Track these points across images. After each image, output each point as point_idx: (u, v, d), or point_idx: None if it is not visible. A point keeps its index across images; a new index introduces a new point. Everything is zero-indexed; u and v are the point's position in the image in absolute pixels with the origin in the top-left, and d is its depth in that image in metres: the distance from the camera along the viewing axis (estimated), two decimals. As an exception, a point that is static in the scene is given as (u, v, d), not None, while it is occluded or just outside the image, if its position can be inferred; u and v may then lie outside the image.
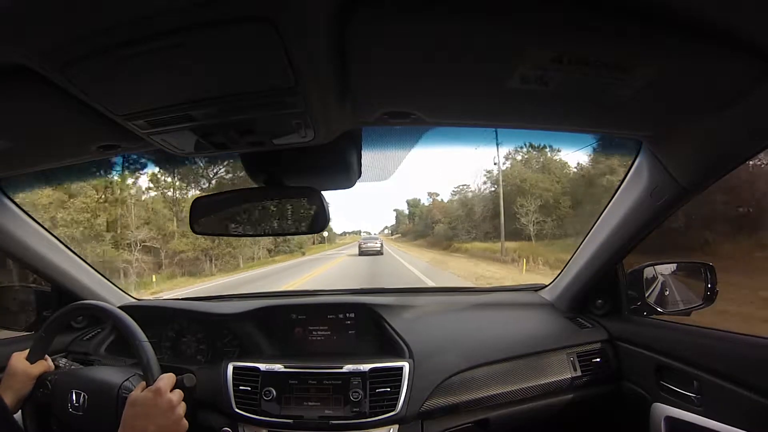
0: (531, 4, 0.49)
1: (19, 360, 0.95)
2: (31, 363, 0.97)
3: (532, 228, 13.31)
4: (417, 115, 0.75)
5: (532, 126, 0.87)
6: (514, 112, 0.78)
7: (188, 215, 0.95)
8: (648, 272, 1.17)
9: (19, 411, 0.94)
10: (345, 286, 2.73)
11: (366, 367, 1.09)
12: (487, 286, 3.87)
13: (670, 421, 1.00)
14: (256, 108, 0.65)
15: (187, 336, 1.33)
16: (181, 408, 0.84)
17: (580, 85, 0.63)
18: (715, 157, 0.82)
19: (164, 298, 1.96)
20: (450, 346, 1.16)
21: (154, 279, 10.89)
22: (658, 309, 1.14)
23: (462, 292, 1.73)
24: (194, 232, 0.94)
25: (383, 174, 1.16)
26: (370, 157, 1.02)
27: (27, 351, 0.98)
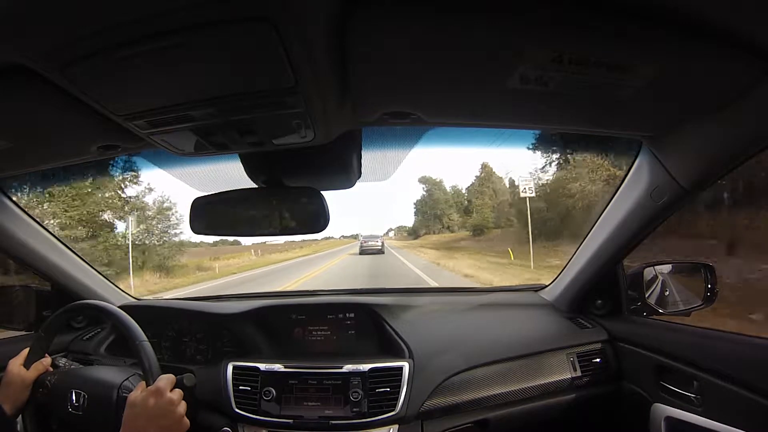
0: (531, 4, 0.49)
1: (15, 366, 0.95)
2: (32, 362, 0.97)
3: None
4: (417, 115, 0.75)
5: (532, 126, 0.87)
6: (514, 112, 0.78)
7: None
8: (648, 272, 1.17)
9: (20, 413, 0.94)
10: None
11: (366, 367, 1.09)
12: (488, 286, 3.86)
13: (670, 421, 1.00)
14: (256, 108, 0.65)
15: (187, 336, 1.33)
16: (182, 407, 0.84)
17: (580, 85, 0.63)
18: (715, 157, 0.82)
19: (164, 298, 1.96)
20: (450, 347, 1.16)
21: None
22: (658, 309, 1.14)
23: (462, 293, 1.73)
24: (194, 231, 0.94)
25: (383, 174, 1.16)
26: (370, 157, 1.02)
27: (23, 356, 0.98)
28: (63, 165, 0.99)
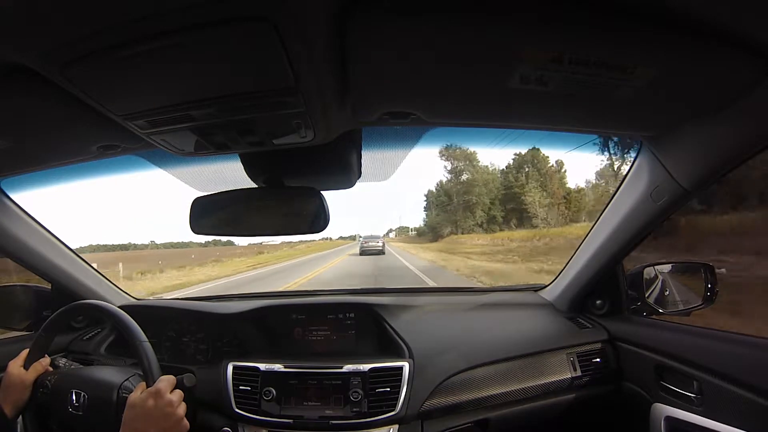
0: (531, 4, 0.49)
1: (14, 367, 0.95)
2: (32, 362, 0.97)
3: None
4: (417, 115, 0.75)
5: (532, 126, 0.87)
6: (514, 112, 0.78)
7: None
8: (648, 272, 1.17)
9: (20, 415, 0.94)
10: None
11: (366, 367, 1.09)
12: (488, 286, 3.84)
13: (670, 421, 1.00)
14: (256, 108, 0.65)
15: (187, 336, 1.33)
16: (182, 408, 0.84)
17: (580, 85, 0.63)
18: (715, 157, 0.82)
19: (165, 298, 1.97)
20: (450, 346, 1.16)
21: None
22: (658, 309, 1.15)
23: (462, 293, 1.73)
24: (194, 231, 0.94)
25: (383, 174, 1.16)
26: (370, 157, 1.03)
27: (23, 357, 0.98)
28: (63, 165, 0.99)
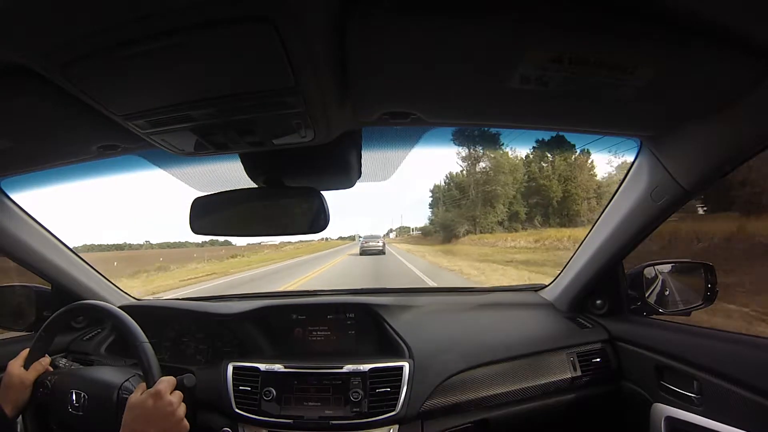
0: (531, 4, 0.49)
1: (14, 367, 0.95)
2: (32, 362, 0.97)
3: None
4: (417, 115, 0.75)
5: (532, 126, 0.87)
6: (514, 112, 0.78)
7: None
8: (648, 272, 1.17)
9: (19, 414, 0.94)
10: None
11: (366, 367, 1.09)
12: (488, 286, 3.83)
13: (670, 421, 1.00)
14: (256, 108, 0.65)
15: (187, 336, 1.33)
16: (182, 410, 0.84)
17: (580, 85, 0.63)
18: (715, 157, 0.82)
19: (165, 298, 1.97)
20: (450, 346, 1.16)
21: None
22: (659, 309, 1.15)
23: (462, 293, 1.73)
24: (193, 231, 0.94)
25: (383, 174, 1.16)
26: (370, 157, 1.03)
27: (23, 357, 0.98)
28: (63, 165, 0.99)
